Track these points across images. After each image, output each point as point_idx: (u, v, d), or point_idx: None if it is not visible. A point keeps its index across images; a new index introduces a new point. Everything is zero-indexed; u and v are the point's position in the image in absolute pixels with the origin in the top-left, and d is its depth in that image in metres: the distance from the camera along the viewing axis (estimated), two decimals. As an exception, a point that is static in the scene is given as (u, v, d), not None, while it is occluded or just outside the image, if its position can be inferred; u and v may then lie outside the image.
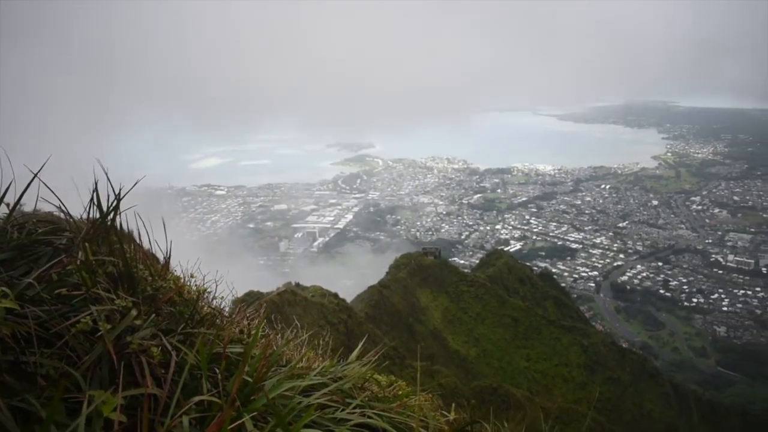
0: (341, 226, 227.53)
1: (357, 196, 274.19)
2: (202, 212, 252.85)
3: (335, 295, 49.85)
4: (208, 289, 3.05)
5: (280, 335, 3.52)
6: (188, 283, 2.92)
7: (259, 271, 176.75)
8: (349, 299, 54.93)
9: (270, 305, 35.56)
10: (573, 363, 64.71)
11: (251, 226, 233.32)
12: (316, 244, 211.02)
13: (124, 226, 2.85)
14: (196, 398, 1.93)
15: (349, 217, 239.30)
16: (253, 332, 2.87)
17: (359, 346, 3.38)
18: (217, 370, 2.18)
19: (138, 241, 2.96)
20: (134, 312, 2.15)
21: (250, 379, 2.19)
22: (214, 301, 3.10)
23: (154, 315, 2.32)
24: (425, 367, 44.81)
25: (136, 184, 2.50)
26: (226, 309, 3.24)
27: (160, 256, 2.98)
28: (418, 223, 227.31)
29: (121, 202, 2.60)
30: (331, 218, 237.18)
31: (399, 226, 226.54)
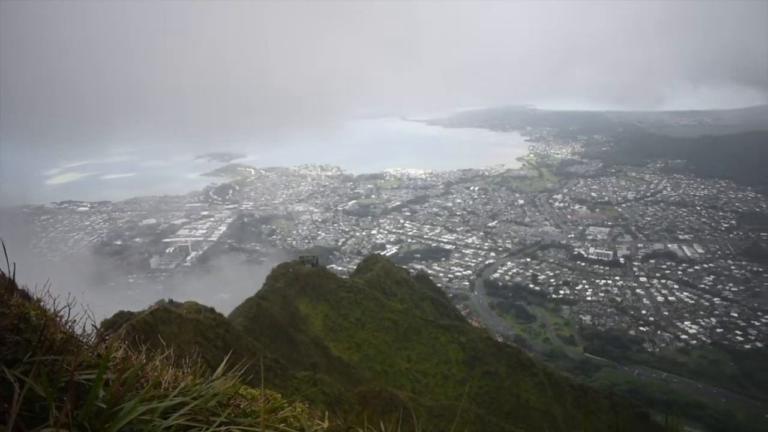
0: (215, 239, 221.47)
1: (230, 207, 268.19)
2: (63, 231, 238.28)
3: (211, 310, 48.17)
4: (61, 313, 2.82)
5: (144, 356, 3.11)
6: (38, 308, 2.64)
7: (130, 290, 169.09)
8: (226, 313, 53.32)
9: (142, 325, 33.77)
10: (452, 360, 66.14)
11: (118, 243, 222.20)
12: (189, 258, 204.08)
13: None
14: (37, 429, 1.77)
15: (223, 228, 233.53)
16: (112, 355, 2.70)
17: (224, 360, 3.04)
18: (66, 399, 1.98)
19: None
20: None
21: (104, 405, 2.05)
22: (69, 326, 2.83)
23: None
24: (308, 377, 44.24)
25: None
26: (93, 333, 3.02)
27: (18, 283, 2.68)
28: (294, 232, 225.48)
29: None
30: (204, 231, 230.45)
31: (275, 236, 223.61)
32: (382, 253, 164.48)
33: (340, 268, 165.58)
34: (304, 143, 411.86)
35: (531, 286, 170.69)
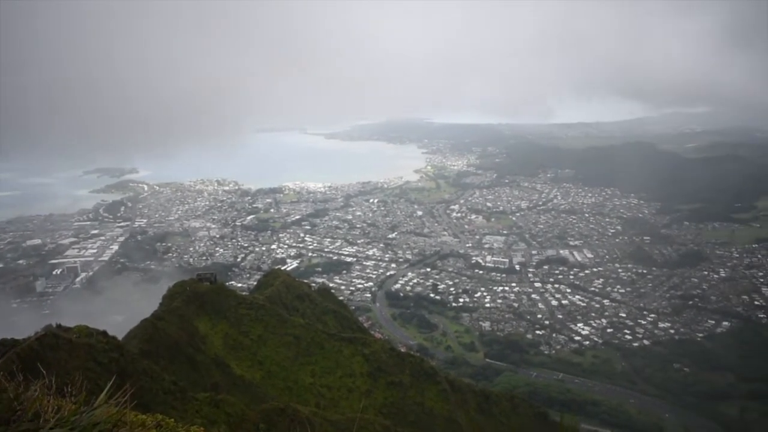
0: (106, 258, 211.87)
1: (122, 224, 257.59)
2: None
3: (104, 334, 45.71)
4: None
5: (22, 386, 2.85)
6: None
7: (13, 315, 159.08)
8: (120, 336, 50.84)
9: (27, 353, 31.62)
10: (356, 373, 65.91)
11: (0, 265, 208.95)
12: (78, 280, 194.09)
13: None
14: None
15: (115, 247, 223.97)
16: None
17: (108, 386, 2.77)
18: None
19: None
20: None
21: None
22: None
23: None
24: (209, 398, 42.83)
25: None
26: None
27: None
28: (191, 249, 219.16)
29: None
30: (95, 250, 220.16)
31: (171, 254, 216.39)
32: (283, 268, 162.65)
33: (239, 285, 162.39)
34: (200, 157, 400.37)
35: (431, 295, 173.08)
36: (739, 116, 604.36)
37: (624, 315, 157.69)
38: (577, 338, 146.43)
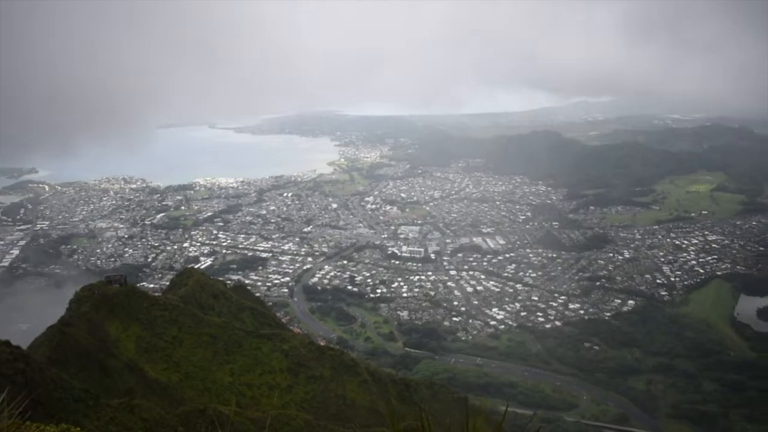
0: (6, 264, 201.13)
1: (22, 228, 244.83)
2: None
3: (7, 343, 43.41)
4: None
5: None
6: None
7: None
8: (26, 344, 48.42)
9: None
10: (276, 369, 65.26)
11: None
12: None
13: None
14: None
15: (15, 252, 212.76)
16: None
17: (1, 396, 2.61)
18: None
19: None
20: None
21: None
22: None
23: None
24: (123, 404, 41.38)
25: None
26: None
27: None
28: (98, 251, 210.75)
29: None
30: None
31: (76, 256, 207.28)
32: (196, 267, 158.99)
33: (152, 286, 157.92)
34: (103, 155, 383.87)
35: (349, 287, 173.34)
36: (638, 105, 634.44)
37: (536, 298, 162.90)
38: (493, 323, 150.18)
